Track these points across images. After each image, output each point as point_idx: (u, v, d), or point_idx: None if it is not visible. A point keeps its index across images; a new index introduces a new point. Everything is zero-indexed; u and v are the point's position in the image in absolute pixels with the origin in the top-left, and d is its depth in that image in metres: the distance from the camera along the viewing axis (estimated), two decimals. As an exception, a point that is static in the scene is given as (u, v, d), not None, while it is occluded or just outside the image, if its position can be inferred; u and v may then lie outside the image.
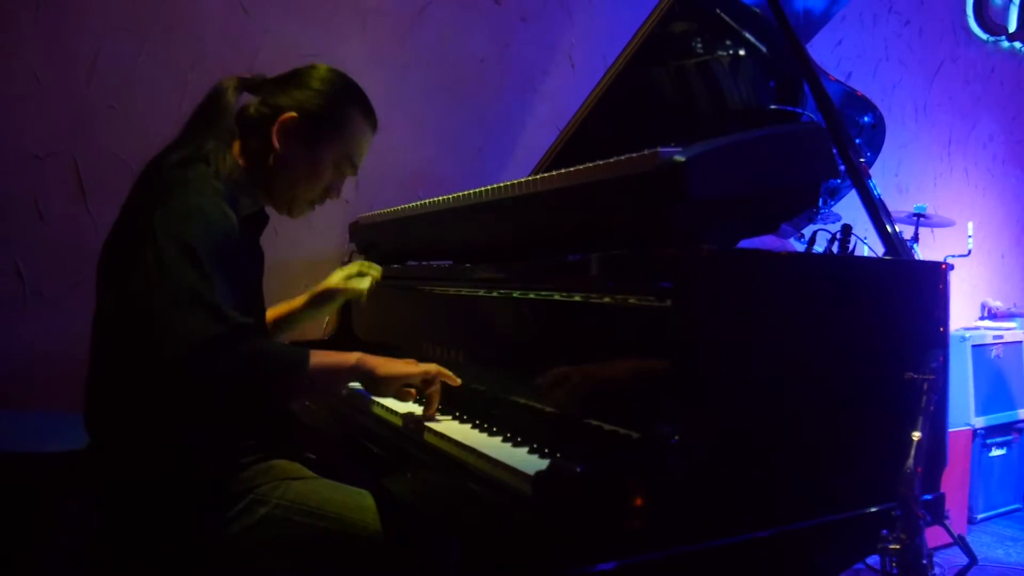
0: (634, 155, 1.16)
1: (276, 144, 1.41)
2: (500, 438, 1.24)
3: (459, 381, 1.45)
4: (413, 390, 1.43)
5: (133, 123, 2.28)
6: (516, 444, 1.20)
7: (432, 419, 1.39)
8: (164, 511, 1.33)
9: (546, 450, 1.15)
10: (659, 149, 1.11)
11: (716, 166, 1.13)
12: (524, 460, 1.11)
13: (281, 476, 1.45)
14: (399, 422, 1.45)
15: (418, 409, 1.45)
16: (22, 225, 2.19)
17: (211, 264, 1.20)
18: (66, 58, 2.22)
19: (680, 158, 1.08)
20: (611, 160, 1.22)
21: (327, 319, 2.61)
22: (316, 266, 2.61)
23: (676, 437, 1.03)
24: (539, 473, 0.98)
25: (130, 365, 1.30)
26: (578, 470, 0.92)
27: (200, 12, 2.39)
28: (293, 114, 1.42)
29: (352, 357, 1.38)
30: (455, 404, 1.47)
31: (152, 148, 1.54)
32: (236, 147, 1.44)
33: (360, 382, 1.43)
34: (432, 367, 1.42)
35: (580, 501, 0.94)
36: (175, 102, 2.30)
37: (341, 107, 1.47)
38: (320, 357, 1.34)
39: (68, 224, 2.24)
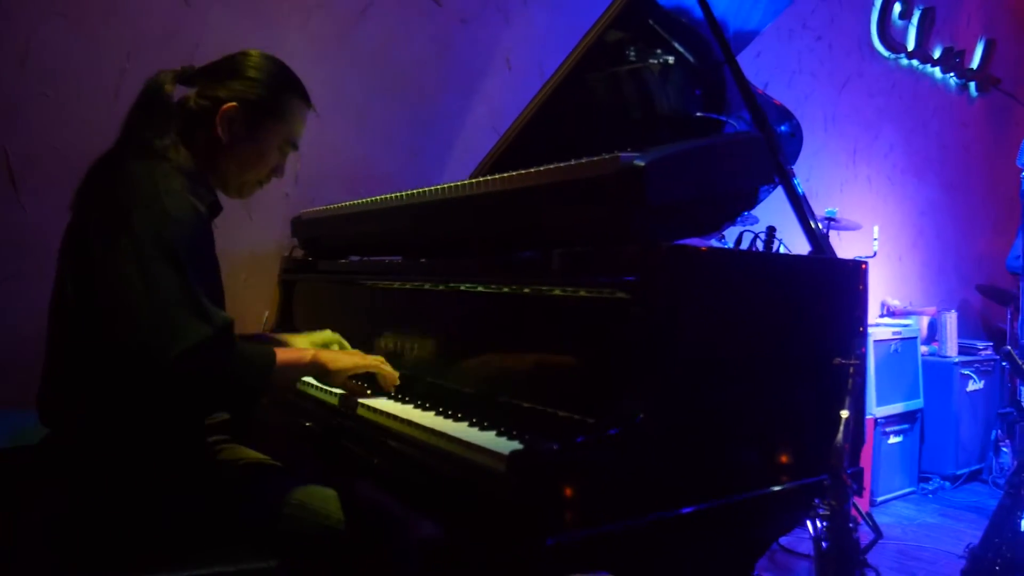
0: (595, 158, 1.24)
1: (221, 135, 1.46)
2: (467, 423, 1.30)
3: (397, 380, 1.57)
4: (360, 382, 1.59)
5: (68, 113, 2.21)
6: (483, 428, 1.27)
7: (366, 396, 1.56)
8: (132, 496, 1.33)
9: (513, 432, 1.23)
10: (619, 154, 1.20)
11: (672, 171, 1.22)
12: (495, 442, 1.18)
13: (246, 461, 1.48)
14: (379, 420, 1.47)
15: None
16: (-51, 217, 2.10)
17: (189, 262, 1.25)
18: (-4, 43, 2.14)
19: (640, 163, 1.17)
20: (571, 163, 1.29)
21: (267, 313, 2.61)
22: (257, 259, 2.60)
23: (639, 416, 1.11)
24: (514, 452, 1.05)
25: (94, 357, 1.30)
26: (555, 448, 1.00)
27: (140, 0, 2.34)
28: (234, 104, 1.46)
29: (308, 354, 1.50)
30: (417, 394, 1.52)
31: (89, 139, 1.51)
32: (183, 140, 1.46)
33: (313, 375, 1.57)
34: (373, 363, 1.56)
35: (556, 476, 1.01)
36: (112, 92, 2.26)
37: (279, 94, 1.52)
38: (284, 355, 1.44)
39: (-1, 218, 2.16)
